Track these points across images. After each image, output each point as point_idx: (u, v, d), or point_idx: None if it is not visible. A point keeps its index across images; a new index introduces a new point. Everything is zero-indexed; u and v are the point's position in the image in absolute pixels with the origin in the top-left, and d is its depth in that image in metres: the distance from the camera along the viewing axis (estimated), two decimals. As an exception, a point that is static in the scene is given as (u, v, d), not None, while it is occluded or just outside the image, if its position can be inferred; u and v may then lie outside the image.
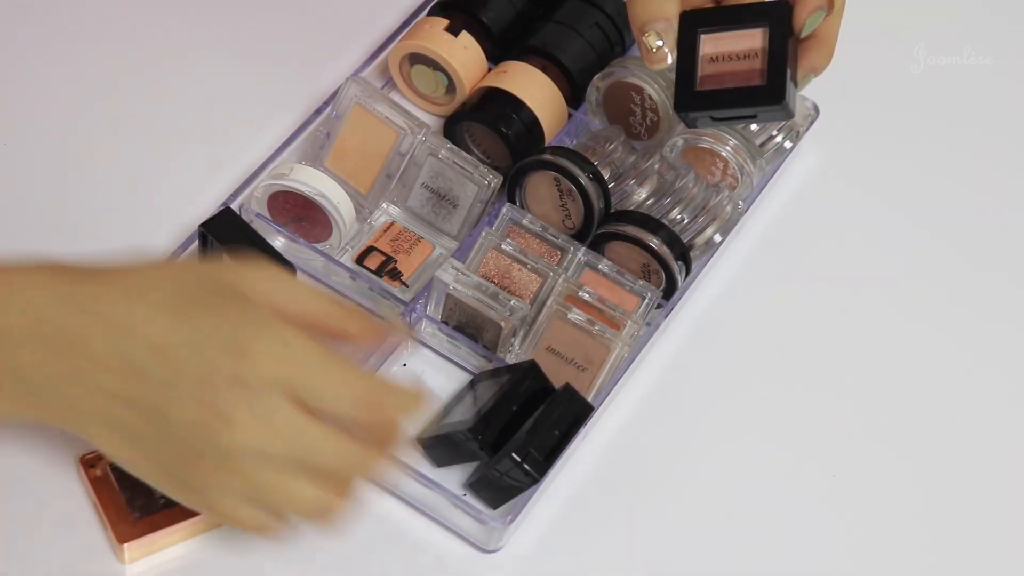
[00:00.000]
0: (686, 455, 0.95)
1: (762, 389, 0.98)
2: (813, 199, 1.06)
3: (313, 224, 0.98)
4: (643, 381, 0.96)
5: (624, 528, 0.91)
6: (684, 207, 0.99)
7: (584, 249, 0.97)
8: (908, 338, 1.01)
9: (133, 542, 0.85)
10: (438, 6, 1.06)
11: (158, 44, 1.07)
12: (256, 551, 0.87)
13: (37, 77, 1.04)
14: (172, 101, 1.05)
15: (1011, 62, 1.16)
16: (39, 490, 0.87)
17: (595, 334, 0.93)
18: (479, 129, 1.02)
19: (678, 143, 1.02)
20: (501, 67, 1.04)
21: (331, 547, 0.88)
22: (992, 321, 1.03)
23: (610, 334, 0.93)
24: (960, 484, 0.96)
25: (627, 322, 0.93)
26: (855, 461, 0.96)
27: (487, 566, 0.89)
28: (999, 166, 1.11)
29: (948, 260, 1.05)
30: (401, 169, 0.98)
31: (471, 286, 0.94)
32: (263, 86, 1.06)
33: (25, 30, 1.06)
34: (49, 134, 1.02)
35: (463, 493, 0.91)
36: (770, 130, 1.04)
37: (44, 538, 0.86)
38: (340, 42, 1.09)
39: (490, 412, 0.89)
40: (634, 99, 1.03)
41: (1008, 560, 0.94)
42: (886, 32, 1.16)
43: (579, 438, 0.90)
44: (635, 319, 0.94)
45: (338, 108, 0.99)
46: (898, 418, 0.98)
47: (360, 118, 0.99)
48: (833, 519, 0.94)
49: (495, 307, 0.93)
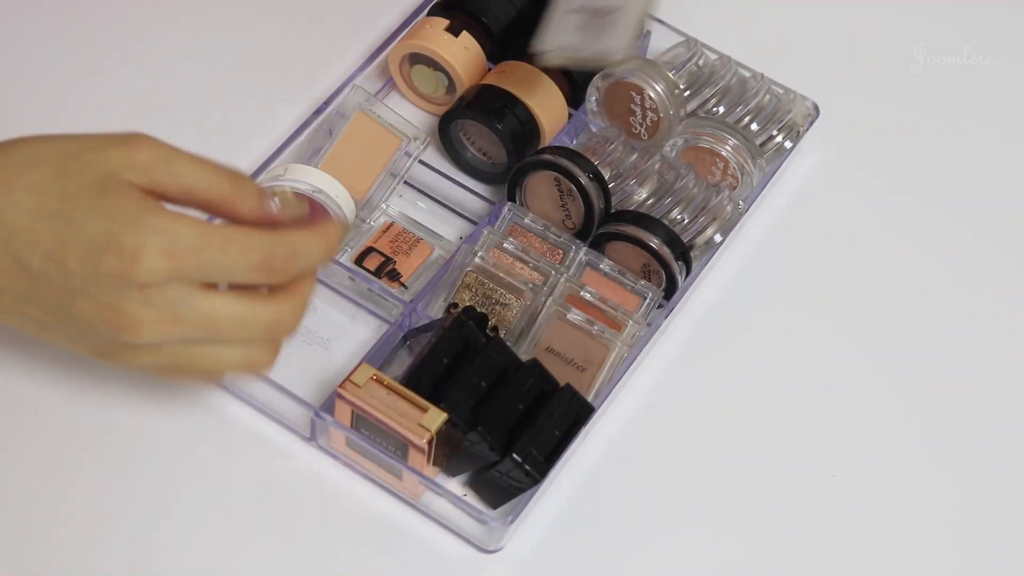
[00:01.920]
0: (686, 455, 0.95)
1: (762, 389, 0.98)
2: (813, 199, 1.06)
3: (315, 222, 0.97)
4: (643, 381, 0.96)
5: (624, 528, 0.91)
6: (684, 207, 0.99)
7: (585, 248, 0.97)
8: (909, 337, 1.01)
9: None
10: (438, 6, 1.06)
11: (158, 43, 1.07)
12: (250, 548, 0.88)
13: (37, 77, 1.04)
14: (172, 101, 1.05)
15: (1011, 62, 1.16)
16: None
17: (595, 334, 0.93)
18: (473, 127, 1.02)
19: (678, 143, 1.02)
20: (501, 67, 1.04)
21: (331, 547, 0.88)
22: (994, 320, 1.03)
23: (610, 334, 0.93)
24: (960, 484, 0.96)
25: (628, 322, 0.93)
26: (855, 461, 0.96)
27: (487, 566, 0.89)
28: (999, 166, 1.11)
29: (948, 259, 1.05)
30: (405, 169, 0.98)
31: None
32: (263, 86, 1.06)
33: (25, 29, 1.06)
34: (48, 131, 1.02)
35: (463, 493, 0.91)
36: (770, 130, 1.04)
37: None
38: (340, 42, 1.09)
39: (423, 365, 0.89)
40: (634, 99, 1.03)
41: (1008, 560, 0.94)
42: (886, 32, 1.16)
43: (579, 438, 0.90)
44: (636, 319, 0.94)
45: (340, 108, 1.00)
46: (899, 418, 0.98)
47: (362, 124, 0.99)
48: (833, 519, 0.93)
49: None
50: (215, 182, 0.78)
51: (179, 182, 0.77)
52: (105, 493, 0.88)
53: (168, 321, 0.75)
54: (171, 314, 0.75)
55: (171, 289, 0.75)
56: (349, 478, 0.91)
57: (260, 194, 0.79)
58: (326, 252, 0.79)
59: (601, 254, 0.97)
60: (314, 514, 0.90)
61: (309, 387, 0.94)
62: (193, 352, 0.78)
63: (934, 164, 1.10)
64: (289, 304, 0.79)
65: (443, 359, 0.90)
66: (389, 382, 0.88)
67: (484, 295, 0.95)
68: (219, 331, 0.77)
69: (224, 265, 0.76)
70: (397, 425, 0.87)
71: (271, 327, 0.79)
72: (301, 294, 0.79)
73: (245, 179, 0.79)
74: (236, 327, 0.77)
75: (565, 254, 0.97)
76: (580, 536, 0.91)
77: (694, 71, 1.06)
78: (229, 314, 0.77)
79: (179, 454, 0.90)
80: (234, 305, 0.77)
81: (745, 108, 1.04)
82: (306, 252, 0.78)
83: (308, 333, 0.96)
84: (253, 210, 0.78)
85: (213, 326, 0.77)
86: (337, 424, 0.89)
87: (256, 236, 0.77)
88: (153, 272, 0.74)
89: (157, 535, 0.88)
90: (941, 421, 0.98)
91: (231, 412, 0.92)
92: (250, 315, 0.78)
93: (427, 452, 0.87)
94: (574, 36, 0.89)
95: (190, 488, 0.90)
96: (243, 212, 0.78)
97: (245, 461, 0.91)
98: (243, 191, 0.78)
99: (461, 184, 1.02)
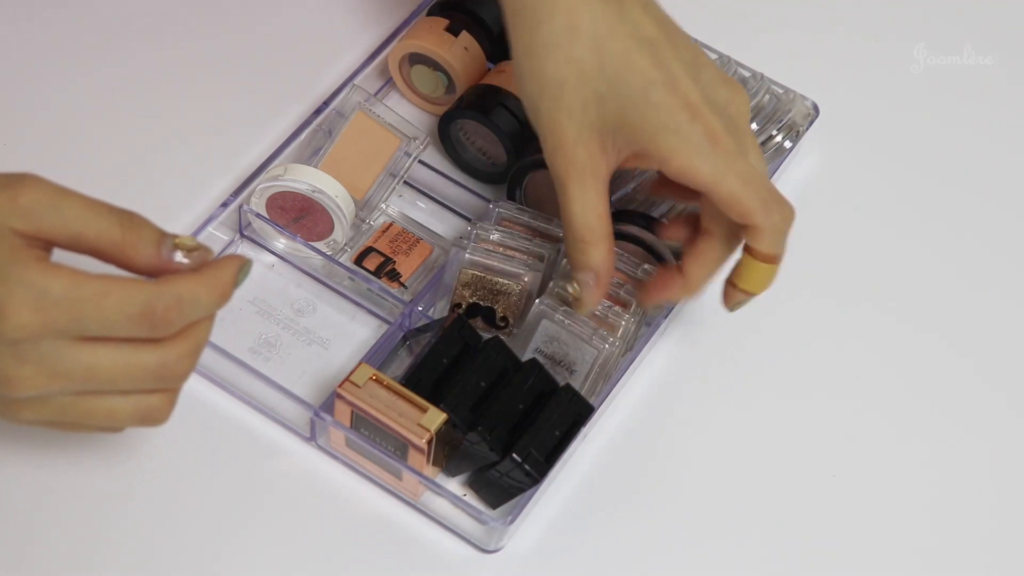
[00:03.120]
0: (686, 455, 0.95)
1: (762, 389, 0.98)
2: (813, 199, 1.06)
3: (315, 222, 0.97)
4: (643, 381, 0.96)
5: (624, 528, 0.91)
6: (684, 206, 0.99)
7: None
8: (909, 337, 1.01)
9: None
10: (438, 6, 1.06)
11: (158, 43, 1.07)
12: (250, 547, 0.88)
13: (37, 77, 1.04)
14: (172, 101, 1.05)
15: (1011, 62, 1.16)
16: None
17: (588, 335, 0.93)
18: (473, 127, 1.02)
19: (678, 143, 1.02)
20: (500, 67, 1.04)
21: (331, 547, 0.88)
22: (994, 321, 1.03)
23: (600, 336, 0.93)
24: (960, 484, 0.96)
25: (621, 323, 0.93)
26: (855, 461, 0.96)
27: (487, 566, 0.89)
28: (999, 166, 1.11)
29: (948, 260, 1.05)
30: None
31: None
32: (263, 86, 1.06)
33: (25, 31, 1.06)
34: (48, 134, 1.02)
35: (463, 493, 0.91)
36: (770, 130, 1.04)
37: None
38: (340, 42, 1.09)
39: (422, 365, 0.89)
40: (634, 99, 1.03)
41: (1008, 560, 0.93)
42: (886, 32, 1.16)
43: (579, 438, 0.90)
44: (633, 316, 0.94)
45: (340, 108, 1.00)
46: (898, 418, 0.98)
47: (361, 124, 0.99)
48: (833, 519, 0.93)
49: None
50: (105, 227, 0.73)
51: (67, 227, 0.73)
52: (105, 493, 0.88)
53: (46, 376, 0.73)
54: (48, 369, 0.72)
55: (45, 344, 0.72)
56: (349, 478, 0.91)
57: (157, 241, 0.74)
58: (218, 298, 0.75)
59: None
60: (314, 514, 0.90)
61: (309, 387, 0.94)
62: (82, 405, 0.75)
63: (934, 164, 1.10)
64: (176, 349, 0.75)
65: (443, 359, 0.90)
66: (389, 382, 0.88)
67: (485, 288, 0.95)
68: (102, 382, 0.74)
69: (100, 319, 0.72)
70: (396, 425, 0.87)
71: (159, 373, 0.75)
72: (192, 338, 0.75)
73: (142, 223, 0.74)
74: (121, 376, 0.74)
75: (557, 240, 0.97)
76: (580, 536, 0.91)
77: (694, 71, 1.06)
78: (110, 364, 0.73)
79: (179, 453, 0.90)
80: (115, 354, 0.73)
81: (745, 108, 1.04)
82: (192, 301, 0.74)
83: (308, 333, 0.96)
84: (148, 258, 0.74)
85: (94, 377, 0.73)
86: (337, 424, 0.89)
87: (135, 287, 0.73)
88: (22, 328, 0.71)
89: (157, 535, 0.88)
90: (942, 421, 0.98)
91: (231, 412, 0.92)
92: (133, 362, 0.74)
93: (427, 452, 0.87)
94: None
95: (190, 487, 0.89)
96: (137, 260, 0.74)
97: (245, 461, 0.91)
98: (137, 237, 0.74)
99: (461, 184, 1.02)
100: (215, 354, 0.91)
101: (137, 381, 0.75)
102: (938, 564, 0.93)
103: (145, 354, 0.74)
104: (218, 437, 0.91)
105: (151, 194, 1.00)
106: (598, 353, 0.92)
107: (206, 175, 1.01)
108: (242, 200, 0.98)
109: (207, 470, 0.90)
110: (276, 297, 0.97)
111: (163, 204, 0.99)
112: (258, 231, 0.99)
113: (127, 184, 1.00)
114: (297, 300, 0.97)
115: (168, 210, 0.98)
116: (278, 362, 0.94)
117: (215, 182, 1.00)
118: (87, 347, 0.73)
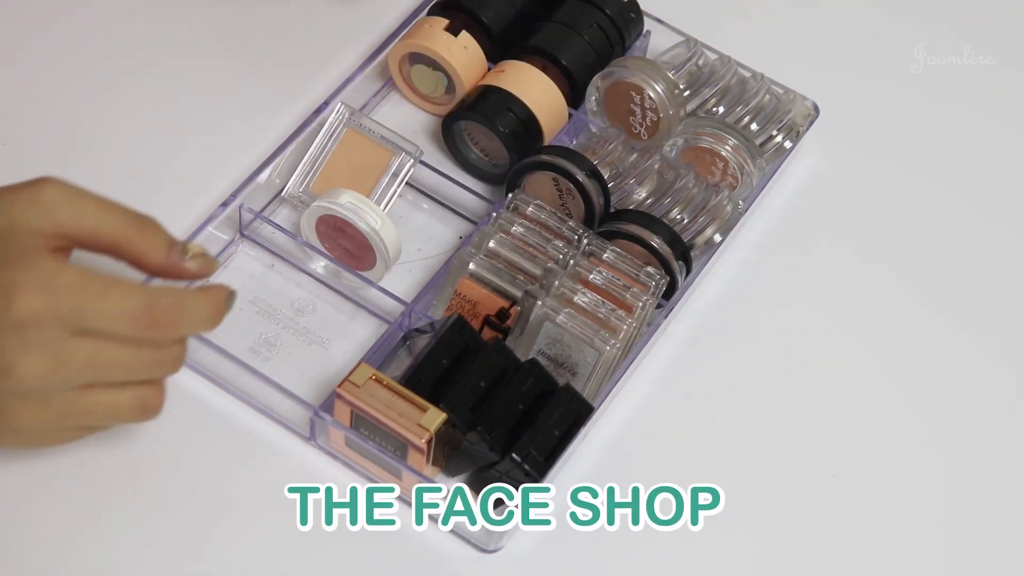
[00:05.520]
0: (685, 455, 0.95)
1: (762, 389, 0.98)
2: (813, 199, 1.06)
3: (358, 252, 0.97)
4: (643, 381, 0.96)
5: (623, 528, 0.91)
6: (684, 207, 0.99)
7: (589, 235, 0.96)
8: (909, 337, 1.01)
9: None
10: (438, 6, 1.06)
11: (157, 43, 1.07)
12: (250, 547, 0.88)
13: (36, 77, 1.04)
14: (171, 101, 1.05)
15: (1011, 62, 1.16)
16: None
17: (589, 337, 0.93)
18: (476, 127, 1.02)
19: (678, 143, 1.02)
20: (500, 67, 1.04)
21: (331, 547, 0.88)
22: (994, 319, 1.03)
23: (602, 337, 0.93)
24: (960, 484, 0.96)
25: (623, 326, 0.93)
26: (855, 461, 0.96)
27: (487, 566, 0.89)
28: (1000, 166, 1.11)
29: (948, 259, 1.05)
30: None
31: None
32: (263, 86, 1.06)
33: (24, 30, 1.06)
34: (48, 135, 1.02)
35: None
36: (770, 130, 1.04)
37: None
38: (340, 42, 1.09)
39: (422, 366, 0.89)
40: (634, 99, 1.03)
41: (1008, 560, 0.93)
42: (886, 32, 1.16)
43: (579, 438, 0.90)
44: (633, 317, 0.94)
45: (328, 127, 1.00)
46: (898, 418, 0.98)
47: (351, 140, 0.99)
48: (833, 519, 0.93)
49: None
50: (121, 224, 0.77)
51: (85, 222, 0.76)
52: (104, 493, 0.88)
53: (51, 363, 0.74)
54: (52, 356, 0.74)
55: (48, 332, 0.74)
56: (349, 478, 0.91)
57: (169, 243, 0.78)
58: (213, 315, 0.78)
59: (605, 242, 0.96)
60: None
61: (309, 387, 0.94)
62: (84, 401, 0.76)
63: (934, 164, 1.10)
64: (172, 350, 0.78)
65: (443, 360, 0.90)
66: (388, 382, 0.88)
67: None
68: (104, 369, 0.75)
69: (101, 310, 0.74)
70: (396, 425, 0.87)
71: (154, 364, 0.77)
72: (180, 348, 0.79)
73: (154, 226, 0.78)
74: (122, 364, 0.76)
75: (568, 241, 0.96)
76: (580, 536, 0.91)
77: (694, 71, 1.06)
78: (110, 352, 0.75)
79: (179, 453, 0.90)
80: (113, 344, 0.75)
81: (745, 108, 1.04)
82: (192, 310, 0.77)
83: (308, 333, 0.96)
84: (159, 258, 0.77)
85: (97, 363, 0.75)
86: (337, 424, 0.89)
87: (138, 286, 0.76)
88: (28, 311, 0.73)
89: (156, 534, 0.88)
90: (942, 421, 0.98)
91: (231, 411, 0.92)
92: (132, 351, 0.76)
93: (426, 452, 0.87)
94: None
95: (189, 487, 0.89)
96: (149, 258, 0.77)
97: (245, 460, 0.91)
98: (150, 237, 0.77)
99: (461, 184, 1.02)
100: (215, 354, 0.91)
101: (136, 370, 0.77)
102: (938, 563, 0.93)
103: (140, 347, 0.76)
104: (218, 437, 0.91)
105: (151, 194, 1.00)
106: (600, 355, 0.92)
107: (206, 175, 1.01)
108: (242, 200, 0.98)
109: (207, 470, 0.90)
110: (276, 297, 0.97)
111: (163, 204, 0.98)
112: (255, 233, 0.99)
113: (127, 184, 1.00)
114: (297, 300, 0.97)
115: (168, 210, 0.98)
116: (278, 362, 0.94)
117: (215, 182, 1.00)
118: (88, 338, 0.75)
